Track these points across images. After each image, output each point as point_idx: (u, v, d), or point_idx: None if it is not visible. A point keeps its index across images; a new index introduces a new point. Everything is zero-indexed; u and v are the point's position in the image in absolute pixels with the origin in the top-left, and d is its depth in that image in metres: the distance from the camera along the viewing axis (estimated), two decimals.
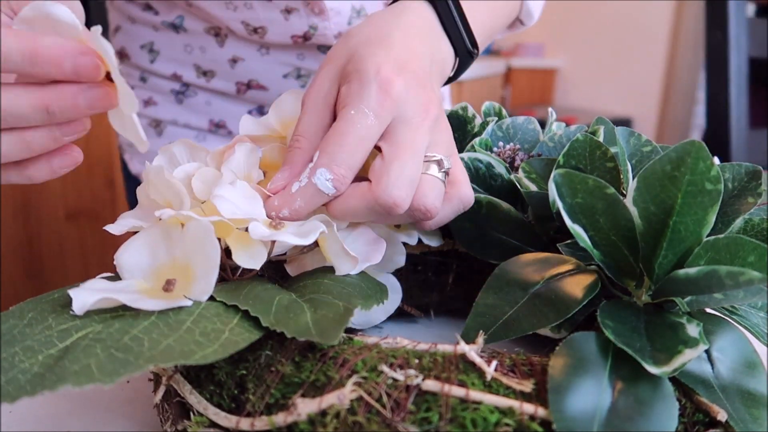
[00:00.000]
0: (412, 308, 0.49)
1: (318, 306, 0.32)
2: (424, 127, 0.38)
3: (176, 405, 0.32)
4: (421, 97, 0.39)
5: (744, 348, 0.32)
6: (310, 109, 0.40)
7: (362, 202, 0.36)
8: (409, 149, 0.37)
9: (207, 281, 0.31)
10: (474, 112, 0.53)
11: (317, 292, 0.34)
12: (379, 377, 0.27)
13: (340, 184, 0.37)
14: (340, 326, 0.29)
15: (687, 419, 0.29)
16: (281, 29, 0.69)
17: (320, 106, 0.40)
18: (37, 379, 0.26)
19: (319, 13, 0.67)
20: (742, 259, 0.29)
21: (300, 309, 0.32)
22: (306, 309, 0.32)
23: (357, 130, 0.37)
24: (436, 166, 0.38)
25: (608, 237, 0.33)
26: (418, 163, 0.37)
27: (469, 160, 0.46)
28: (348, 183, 0.37)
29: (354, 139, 0.36)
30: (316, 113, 0.40)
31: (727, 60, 1.10)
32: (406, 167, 0.36)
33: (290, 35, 0.69)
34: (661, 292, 0.33)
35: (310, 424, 0.27)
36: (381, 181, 0.36)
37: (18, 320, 0.31)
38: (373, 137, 0.37)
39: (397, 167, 0.36)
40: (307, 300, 0.33)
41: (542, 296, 0.34)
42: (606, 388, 0.27)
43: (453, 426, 0.26)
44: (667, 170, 0.31)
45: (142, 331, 0.29)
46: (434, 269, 0.49)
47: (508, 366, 0.29)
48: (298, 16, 0.67)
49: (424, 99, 0.39)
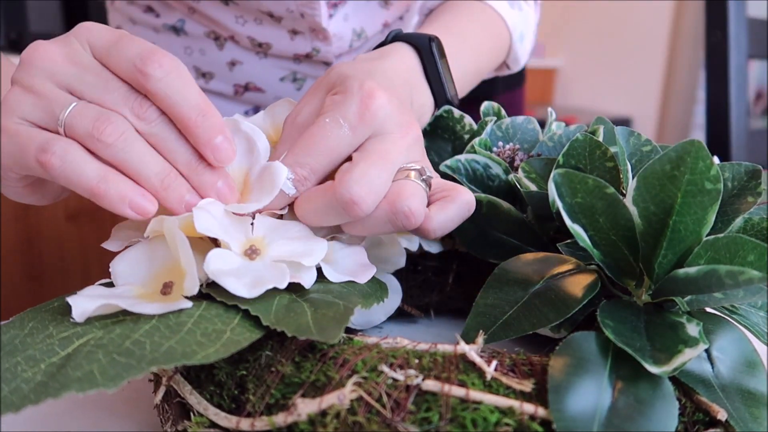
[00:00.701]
0: (412, 308, 0.49)
1: (318, 305, 0.32)
2: (401, 143, 0.37)
3: (176, 405, 0.32)
4: (404, 117, 0.38)
5: (744, 347, 0.32)
6: (289, 132, 0.40)
7: (323, 199, 0.35)
8: (380, 155, 0.36)
9: (191, 275, 0.31)
10: (460, 112, 0.53)
11: (317, 291, 0.34)
12: (379, 377, 0.27)
13: (300, 185, 0.36)
14: (340, 325, 0.29)
15: (687, 418, 0.29)
16: (285, 47, 0.70)
17: (301, 130, 0.39)
18: (41, 387, 0.26)
19: (323, 39, 0.69)
20: (741, 258, 0.29)
21: (300, 308, 0.32)
22: (306, 308, 0.32)
23: (327, 138, 0.36)
24: (417, 173, 0.37)
25: (608, 237, 0.33)
26: (388, 170, 0.36)
27: (466, 161, 0.46)
28: (309, 185, 0.36)
29: (322, 146, 0.36)
30: (294, 138, 0.39)
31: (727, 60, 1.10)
32: (371, 168, 0.35)
33: (293, 53, 0.71)
34: (661, 291, 0.33)
35: (311, 425, 0.27)
36: (343, 178, 0.35)
37: (19, 330, 0.31)
38: (344, 148, 0.36)
39: (362, 167, 0.35)
40: (306, 299, 0.33)
41: (542, 296, 0.34)
42: (606, 387, 0.27)
43: (453, 426, 0.26)
44: (667, 170, 0.31)
45: (144, 334, 0.29)
46: (434, 269, 0.49)
47: (508, 366, 0.29)
48: (303, 38, 0.69)
49: (405, 119, 0.38)
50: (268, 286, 0.31)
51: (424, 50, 0.49)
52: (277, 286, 0.31)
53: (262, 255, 0.34)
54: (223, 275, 0.31)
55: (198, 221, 0.32)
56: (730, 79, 1.11)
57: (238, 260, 0.33)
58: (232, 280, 0.31)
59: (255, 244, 0.34)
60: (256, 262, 0.33)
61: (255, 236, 0.35)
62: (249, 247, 0.34)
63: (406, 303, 0.48)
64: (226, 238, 0.33)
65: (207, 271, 0.31)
